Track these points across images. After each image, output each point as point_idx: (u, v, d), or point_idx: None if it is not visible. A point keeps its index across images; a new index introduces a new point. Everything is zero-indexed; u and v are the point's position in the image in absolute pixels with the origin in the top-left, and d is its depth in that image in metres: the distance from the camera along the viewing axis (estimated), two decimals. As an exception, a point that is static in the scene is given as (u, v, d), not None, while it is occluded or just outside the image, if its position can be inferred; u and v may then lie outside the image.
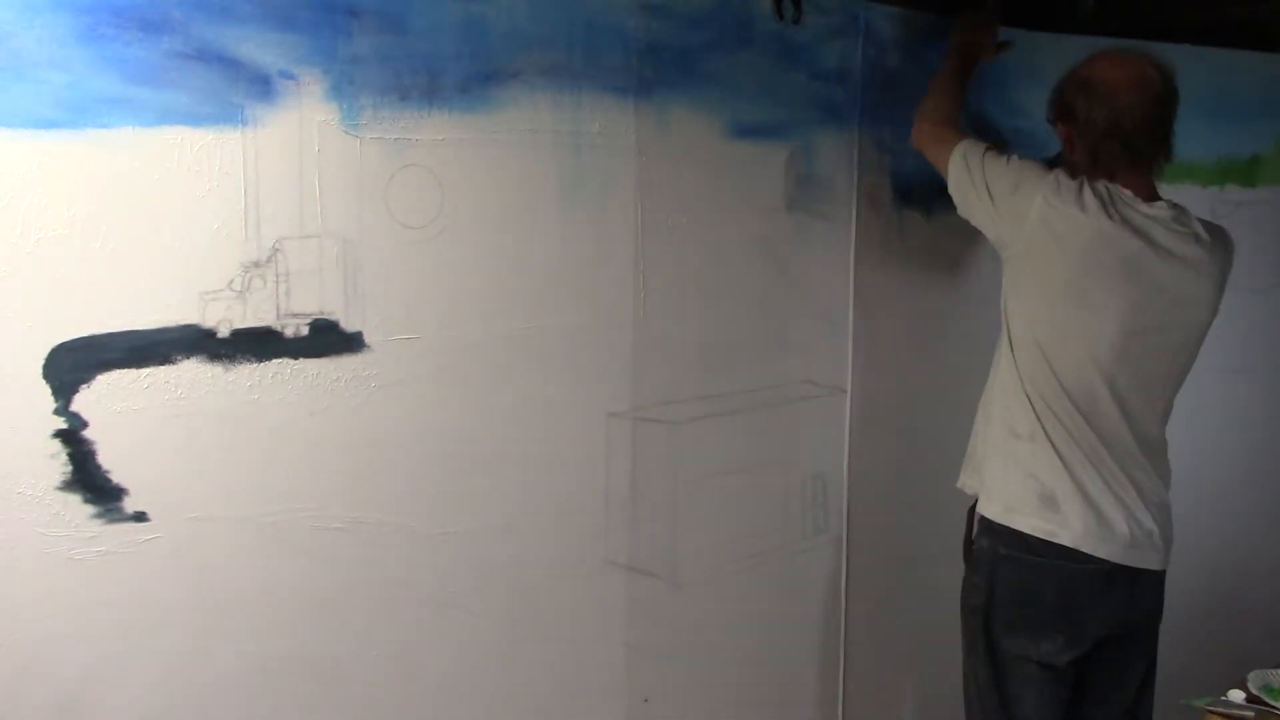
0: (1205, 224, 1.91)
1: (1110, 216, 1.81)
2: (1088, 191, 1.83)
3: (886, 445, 2.33)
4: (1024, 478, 1.89)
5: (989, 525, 1.94)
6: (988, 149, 1.95)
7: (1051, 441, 1.86)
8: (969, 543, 2.02)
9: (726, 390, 2.07)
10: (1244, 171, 2.70)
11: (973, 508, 2.01)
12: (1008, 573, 1.91)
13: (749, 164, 2.04)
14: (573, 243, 1.84)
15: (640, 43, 1.86)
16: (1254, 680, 2.05)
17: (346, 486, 1.66)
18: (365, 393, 1.66)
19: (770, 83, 2.04)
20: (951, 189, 1.99)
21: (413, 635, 1.75)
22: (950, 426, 2.45)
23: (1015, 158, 1.92)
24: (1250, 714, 1.98)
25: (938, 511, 2.46)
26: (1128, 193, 1.85)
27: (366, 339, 1.65)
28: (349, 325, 1.63)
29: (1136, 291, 1.83)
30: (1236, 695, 2.03)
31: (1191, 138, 2.60)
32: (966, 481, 2.05)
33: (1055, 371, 1.85)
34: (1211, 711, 2.02)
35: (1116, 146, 1.84)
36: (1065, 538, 1.85)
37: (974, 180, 1.92)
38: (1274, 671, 2.07)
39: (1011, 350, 1.91)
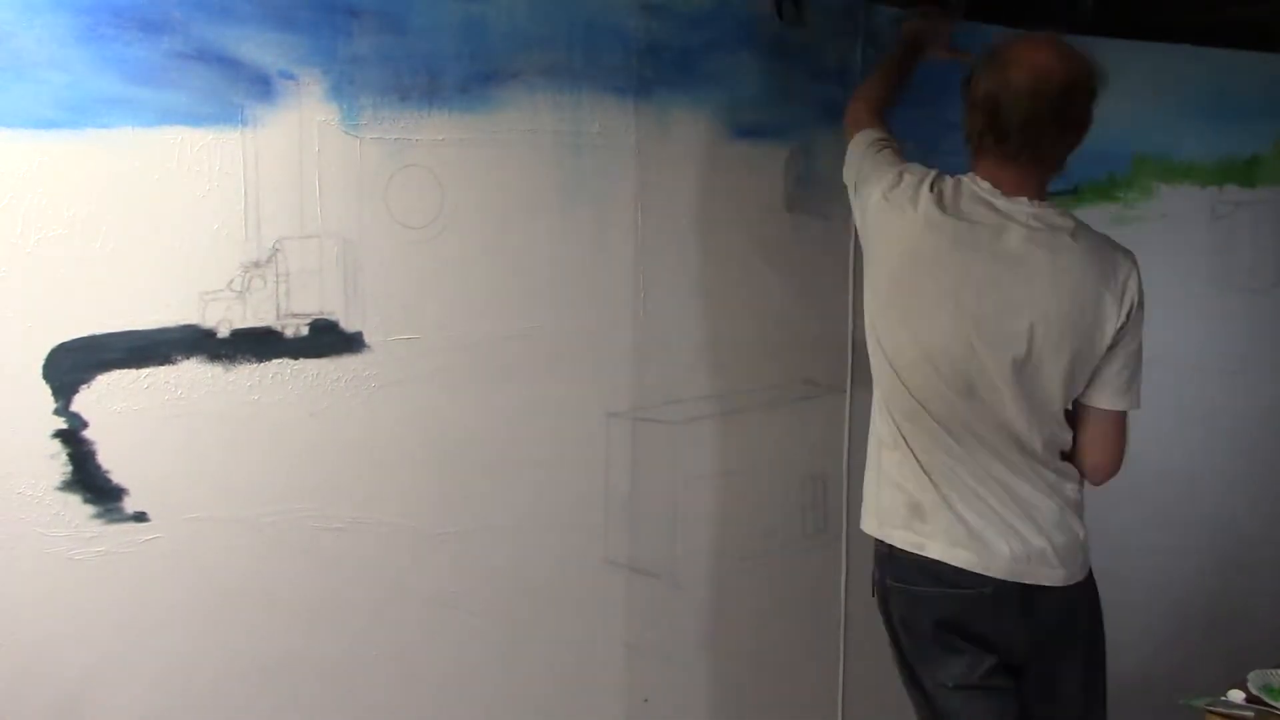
0: (1091, 234, 1.73)
1: (942, 210, 1.68)
2: (927, 186, 1.71)
3: (886, 445, 2.33)
4: (892, 488, 1.76)
5: (876, 553, 1.82)
6: (879, 139, 1.83)
7: (912, 449, 1.74)
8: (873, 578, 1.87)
9: (726, 390, 2.07)
10: (1244, 171, 2.70)
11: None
12: (898, 604, 1.79)
13: (749, 164, 2.04)
14: (573, 243, 1.84)
15: (640, 43, 1.86)
16: (1254, 680, 2.05)
17: (346, 486, 1.66)
18: (365, 393, 1.66)
19: (770, 83, 2.04)
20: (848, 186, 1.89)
21: (413, 635, 1.75)
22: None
23: (888, 152, 1.81)
24: (1250, 714, 1.97)
25: (937, 511, 2.46)
26: (986, 184, 1.69)
27: (366, 339, 1.65)
28: (349, 325, 1.63)
29: (965, 288, 1.67)
30: (1236, 695, 2.03)
31: (1191, 138, 2.61)
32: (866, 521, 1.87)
33: (899, 375, 1.73)
34: (1211, 711, 2.01)
35: (982, 123, 1.68)
36: (934, 550, 1.72)
37: (848, 169, 1.84)
38: (1274, 671, 2.07)
39: (869, 357, 1.81)
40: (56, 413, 1.42)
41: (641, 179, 1.89)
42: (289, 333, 1.58)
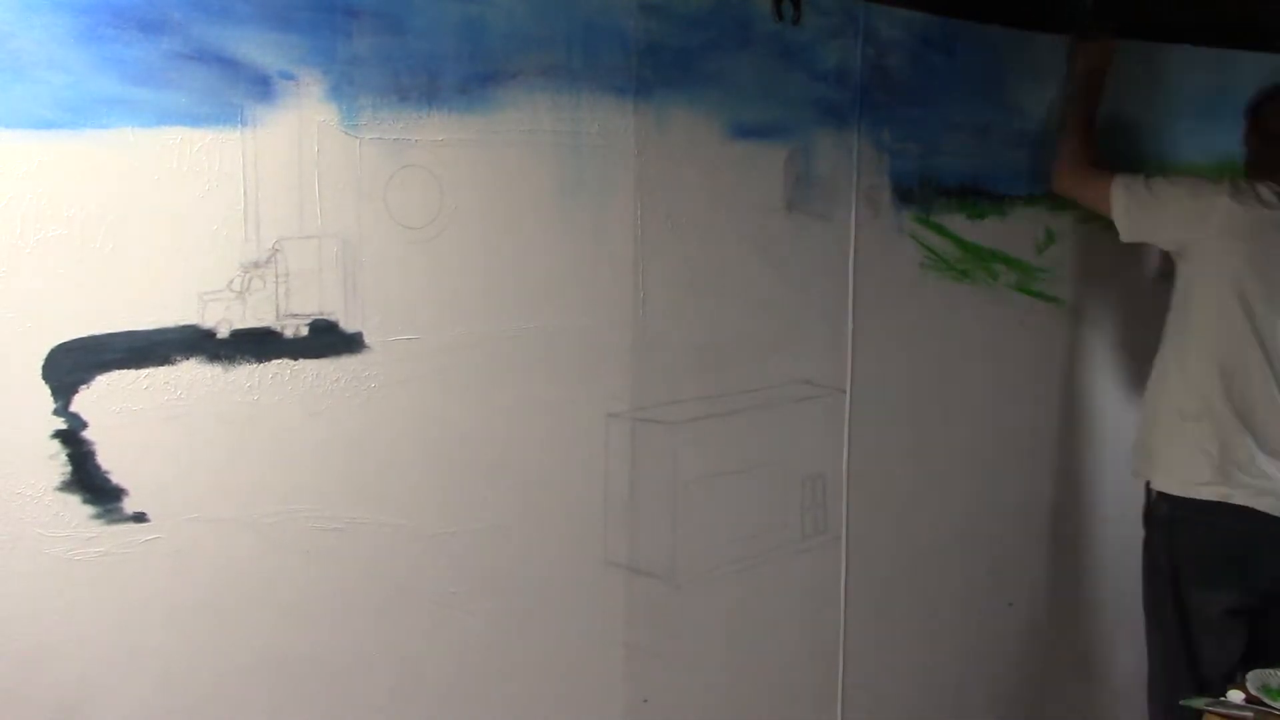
0: None
1: (1262, 205, 2.20)
2: (1260, 189, 2.22)
3: (886, 445, 2.33)
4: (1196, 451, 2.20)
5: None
6: (1145, 176, 2.30)
7: (1223, 411, 2.18)
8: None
9: (726, 390, 2.07)
10: (1243, 172, 2.70)
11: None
12: (1185, 533, 2.24)
13: (748, 164, 2.04)
14: (572, 243, 1.84)
15: (639, 43, 1.86)
16: (1253, 680, 2.05)
17: (346, 486, 1.66)
18: (365, 393, 1.66)
19: (769, 83, 2.04)
20: (1120, 217, 2.31)
21: (413, 635, 1.76)
22: (950, 426, 2.46)
23: (1167, 177, 2.31)
24: (1250, 714, 1.98)
25: (937, 511, 2.47)
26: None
27: (366, 339, 1.65)
28: (349, 325, 1.63)
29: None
30: (1236, 695, 2.03)
31: (1191, 138, 2.61)
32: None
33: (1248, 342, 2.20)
34: (1211, 711, 2.02)
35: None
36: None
37: (1145, 204, 2.28)
38: (1273, 672, 2.07)
39: (1184, 335, 2.25)
40: (56, 413, 1.42)
41: (641, 179, 1.90)
42: (289, 333, 1.58)
